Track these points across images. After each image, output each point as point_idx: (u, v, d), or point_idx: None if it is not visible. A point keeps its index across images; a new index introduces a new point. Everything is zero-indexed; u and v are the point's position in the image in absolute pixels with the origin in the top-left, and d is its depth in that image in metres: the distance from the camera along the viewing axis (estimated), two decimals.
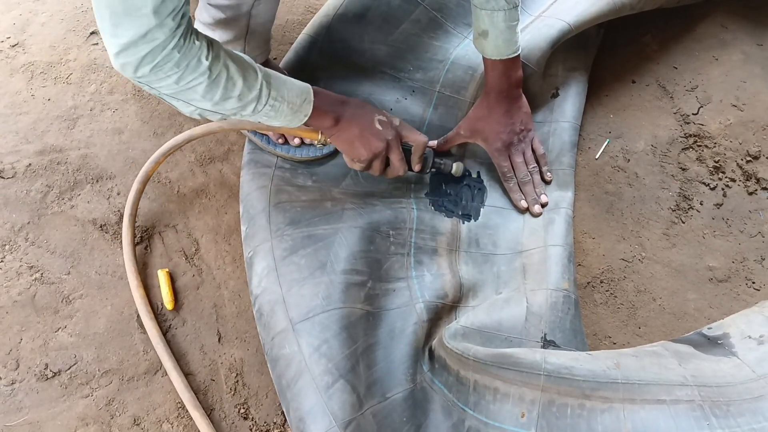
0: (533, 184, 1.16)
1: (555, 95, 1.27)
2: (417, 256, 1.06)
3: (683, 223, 1.18)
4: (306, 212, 1.05)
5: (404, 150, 1.06)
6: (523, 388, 0.83)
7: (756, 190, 1.20)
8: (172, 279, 1.11)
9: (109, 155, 1.24)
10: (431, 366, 0.95)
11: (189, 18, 0.78)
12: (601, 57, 1.36)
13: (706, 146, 1.25)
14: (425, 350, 0.97)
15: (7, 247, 1.13)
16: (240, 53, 0.87)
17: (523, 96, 1.15)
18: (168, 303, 1.08)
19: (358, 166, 1.04)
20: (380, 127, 1.01)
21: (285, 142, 1.12)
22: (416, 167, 1.09)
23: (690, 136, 1.26)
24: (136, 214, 1.13)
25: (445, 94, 1.22)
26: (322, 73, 1.19)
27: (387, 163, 1.05)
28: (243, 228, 1.07)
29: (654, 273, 1.13)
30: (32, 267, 1.11)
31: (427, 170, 1.12)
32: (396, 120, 1.05)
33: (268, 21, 1.08)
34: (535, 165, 1.17)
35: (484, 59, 1.10)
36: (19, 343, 1.05)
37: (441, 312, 1.01)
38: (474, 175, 1.19)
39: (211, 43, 0.81)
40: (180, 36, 0.75)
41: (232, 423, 1.00)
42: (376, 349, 0.94)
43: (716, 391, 0.79)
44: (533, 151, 1.17)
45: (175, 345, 1.06)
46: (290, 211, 1.04)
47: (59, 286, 1.10)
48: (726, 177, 1.22)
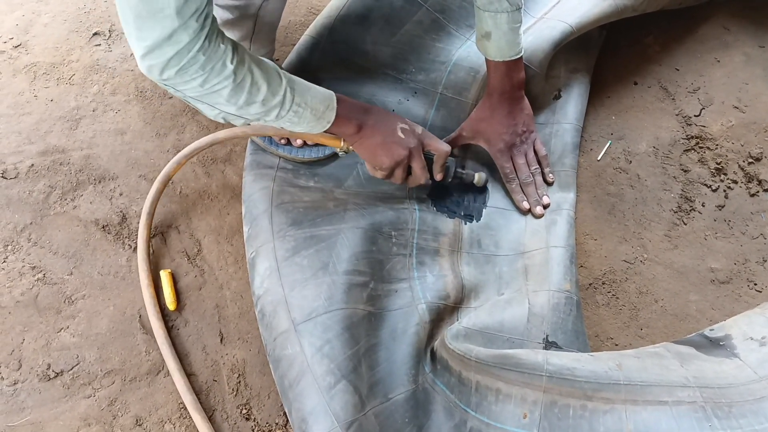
0: (535, 185, 1.16)
1: (557, 97, 1.27)
2: (419, 256, 1.06)
3: (685, 224, 1.18)
4: (308, 213, 1.05)
5: (426, 159, 1.05)
6: (525, 389, 0.83)
7: (758, 191, 1.20)
8: (175, 279, 1.12)
9: (112, 156, 1.24)
10: (433, 367, 0.95)
11: (214, 20, 0.78)
12: (603, 58, 1.36)
13: (708, 148, 1.25)
14: (427, 351, 0.97)
15: (9, 248, 1.13)
16: (264, 58, 0.87)
17: (526, 97, 1.15)
18: (170, 303, 1.08)
19: (380, 174, 1.04)
20: (403, 135, 1.01)
21: (287, 143, 1.12)
22: (438, 176, 1.08)
23: (692, 137, 1.27)
24: (154, 213, 1.13)
25: (447, 95, 1.23)
26: (324, 74, 1.19)
27: (409, 171, 1.05)
28: (245, 229, 1.07)
29: (656, 274, 1.13)
30: (35, 267, 1.12)
31: (449, 179, 1.11)
32: (419, 128, 1.04)
33: (275, 21, 1.08)
34: (537, 166, 1.17)
35: (486, 61, 1.11)
36: (22, 343, 1.05)
37: (443, 313, 1.01)
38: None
39: (236, 47, 0.82)
40: (205, 38, 0.76)
41: (234, 424, 1.00)
42: (378, 349, 0.94)
43: (718, 392, 0.79)
44: (535, 152, 1.17)
45: (178, 345, 1.06)
46: (292, 211, 1.05)
47: (62, 286, 1.10)
48: (728, 179, 1.22)
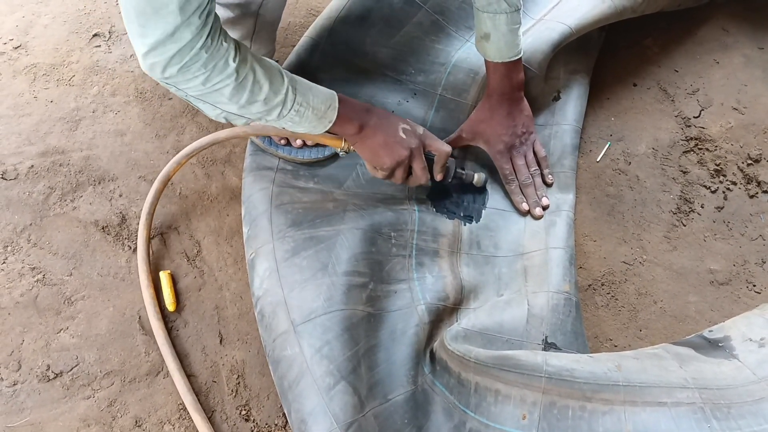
0: (534, 186, 1.16)
1: (556, 98, 1.27)
2: (418, 257, 1.06)
3: (684, 225, 1.18)
4: (308, 214, 1.05)
5: (426, 159, 1.05)
6: (525, 390, 0.83)
7: (757, 193, 1.20)
8: (174, 281, 1.12)
9: (112, 157, 1.24)
10: (432, 368, 0.95)
11: (217, 18, 0.78)
12: (602, 60, 1.36)
13: (707, 149, 1.25)
14: (426, 352, 0.97)
15: (9, 249, 1.13)
16: (266, 58, 0.87)
17: (525, 99, 1.16)
18: (170, 304, 1.08)
19: (380, 174, 1.03)
20: (404, 136, 1.01)
21: (287, 144, 1.12)
22: (438, 176, 1.08)
23: (691, 139, 1.27)
24: (153, 213, 1.13)
25: (446, 96, 1.23)
26: (324, 75, 1.19)
27: (409, 171, 1.05)
28: (245, 230, 1.07)
29: (655, 276, 1.13)
30: (34, 268, 1.12)
31: (449, 179, 1.11)
32: (420, 129, 1.04)
33: (275, 21, 1.08)
34: (537, 167, 1.17)
35: (486, 62, 1.11)
36: (21, 344, 1.05)
37: (442, 314, 1.01)
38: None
39: (239, 45, 0.82)
40: (207, 35, 0.76)
41: (234, 425, 1.00)
42: (378, 350, 0.94)
43: (717, 393, 0.79)
44: (534, 153, 1.18)
45: (177, 346, 1.06)
46: (292, 212, 1.05)
47: (61, 287, 1.10)
48: (727, 180, 1.22)
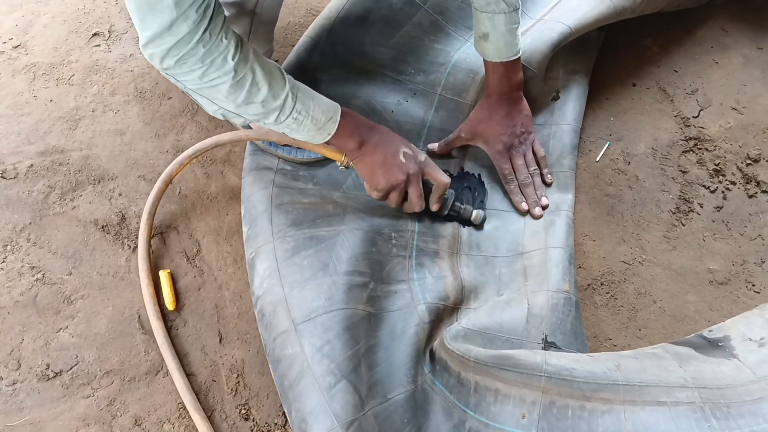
0: (534, 186, 1.16)
1: (556, 98, 1.27)
2: (418, 258, 1.06)
3: (683, 225, 1.18)
4: (308, 214, 1.05)
5: (425, 187, 1.04)
6: (524, 389, 0.83)
7: (756, 193, 1.21)
8: (174, 280, 1.12)
9: (111, 156, 1.24)
10: (432, 367, 0.95)
11: (219, 14, 0.79)
12: (601, 60, 1.36)
13: (707, 149, 1.25)
14: (426, 352, 0.97)
15: (8, 248, 1.13)
16: (272, 62, 0.87)
17: (524, 98, 1.15)
18: (169, 304, 1.08)
19: (375, 195, 1.03)
20: (404, 160, 1.00)
21: (286, 144, 1.12)
22: (434, 207, 1.07)
23: (690, 139, 1.27)
24: (155, 212, 1.13)
25: (446, 96, 1.23)
26: (323, 75, 1.19)
27: (405, 197, 1.04)
28: (244, 229, 1.07)
29: (654, 275, 1.13)
30: (34, 267, 1.12)
31: (445, 212, 1.10)
32: (422, 155, 1.03)
33: (272, 20, 1.08)
34: (536, 167, 1.17)
35: (484, 62, 1.11)
36: (21, 343, 1.05)
37: (442, 314, 1.01)
38: (475, 177, 1.19)
39: (241, 44, 0.82)
40: (205, 30, 0.76)
41: (233, 424, 1.00)
42: (378, 350, 0.94)
43: (717, 392, 0.79)
44: (534, 153, 1.18)
45: (177, 346, 1.06)
46: (292, 212, 1.05)
47: (61, 286, 1.10)
48: (726, 180, 1.22)
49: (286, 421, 0.99)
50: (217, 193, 1.21)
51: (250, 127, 1.12)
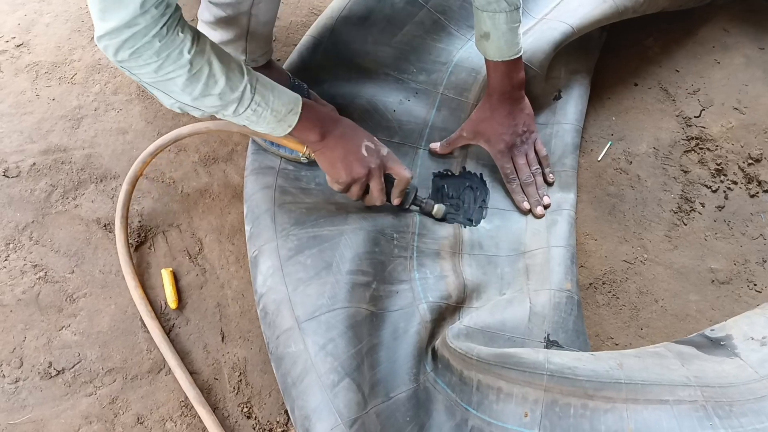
0: (536, 185, 1.16)
1: (557, 97, 1.28)
2: (419, 259, 1.07)
3: (685, 225, 1.18)
4: (311, 213, 1.05)
5: (387, 181, 1.04)
6: (527, 387, 0.83)
7: (758, 192, 1.21)
8: (176, 278, 1.12)
9: (113, 155, 1.24)
10: (434, 366, 0.95)
11: (177, 10, 0.79)
12: (603, 59, 1.36)
13: (708, 149, 1.26)
14: (428, 350, 0.97)
15: (11, 246, 1.13)
16: (230, 54, 0.87)
17: (526, 98, 1.16)
18: (172, 302, 1.08)
19: (336, 187, 1.03)
20: (366, 154, 1.00)
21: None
22: (395, 201, 1.07)
23: (692, 138, 1.27)
24: (128, 215, 1.13)
25: (448, 96, 1.23)
26: (325, 74, 1.19)
27: (367, 190, 1.04)
28: (247, 228, 1.07)
29: (656, 275, 1.13)
30: (36, 266, 1.12)
31: (407, 206, 1.10)
32: (384, 149, 1.03)
33: (269, 21, 1.08)
34: (538, 166, 1.17)
35: (486, 61, 1.11)
36: (23, 341, 1.05)
37: (444, 312, 1.01)
38: (477, 176, 1.19)
39: (198, 37, 0.82)
40: (163, 25, 0.76)
41: (236, 422, 1.01)
42: (380, 349, 0.95)
43: (719, 391, 0.79)
44: (536, 152, 1.18)
45: (179, 344, 1.06)
46: (295, 211, 1.05)
47: (63, 284, 1.10)
48: (728, 179, 1.22)
49: (288, 419, 1.00)
50: (220, 192, 1.21)
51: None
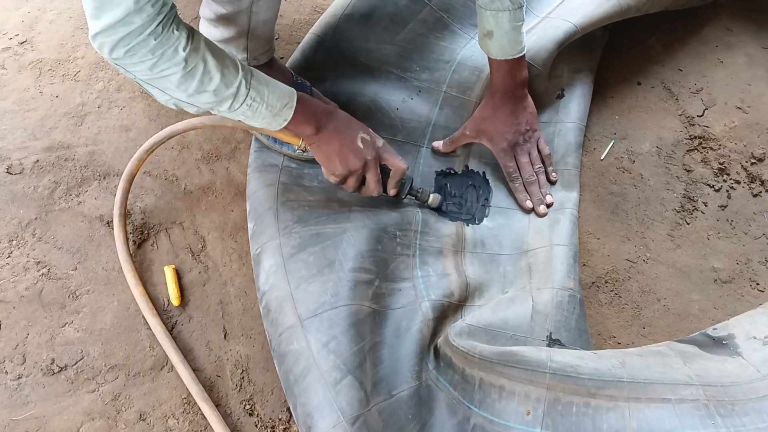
0: (538, 184, 1.16)
1: (560, 96, 1.27)
2: (422, 257, 1.07)
3: (688, 224, 1.18)
4: (314, 211, 1.05)
5: (384, 172, 1.05)
6: (529, 386, 0.83)
7: (760, 192, 1.21)
8: (179, 275, 1.12)
9: (117, 152, 1.25)
10: (437, 364, 0.95)
11: (172, 8, 0.79)
12: (606, 58, 1.36)
13: (711, 148, 1.25)
14: (431, 348, 0.97)
15: (14, 243, 1.14)
16: (225, 50, 0.87)
17: (529, 96, 1.16)
18: (174, 299, 1.09)
19: (333, 179, 1.03)
20: (361, 145, 1.00)
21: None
22: (391, 191, 1.07)
23: (695, 138, 1.27)
24: (125, 213, 1.14)
25: (451, 94, 1.23)
26: (328, 72, 1.19)
27: (363, 181, 1.04)
28: (250, 225, 1.07)
29: (658, 274, 1.13)
30: (39, 262, 1.12)
31: (403, 196, 1.10)
32: (379, 141, 1.04)
33: (270, 19, 1.08)
34: (541, 165, 1.17)
35: (489, 59, 1.11)
36: (26, 338, 1.05)
37: (447, 311, 1.01)
38: (480, 175, 1.19)
39: (193, 34, 0.82)
40: (159, 23, 0.76)
41: (238, 419, 1.01)
42: (382, 347, 0.95)
43: (721, 390, 0.79)
44: (539, 151, 1.18)
45: (181, 341, 1.06)
46: (298, 209, 1.05)
47: (66, 281, 1.11)
48: (730, 179, 1.22)
49: (291, 416, 1.00)
50: (222, 190, 1.21)
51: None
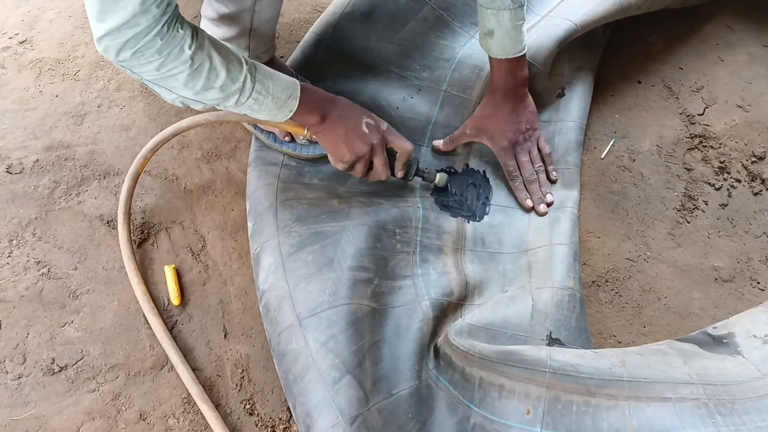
0: (539, 183, 1.16)
1: (561, 94, 1.27)
2: (422, 254, 1.07)
3: (688, 223, 1.18)
4: (313, 209, 1.05)
5: (389, 155, 1.05)
6: (529, 385, 0.83)
7: (761, 190, 1.20)
8: (179, 275, 1.12)
9: (117, 151, 1.25)
10: (437, 363, 0.95)
11: (176, 7, 0.79)
12: (607, 57, 1.36)
13: (712, 147, 1.25)
14: (431, 347, 0.97)
15: (14, 242, 1.14)
16: (229, 45, 0.88)
17: (529, 95, 1.16)
18: (174, 299, 1.09)
19: (341, 166, 1.03)
20: (366, 130, 1.01)
21: (291, 140, 1.12)
22: (399, 174, 1.08)
23: (695, 136, 1.27)
24: (130, 212, 1.13)
25: (451, 93, 1.23)
26: (328, 71, 1.19)
27: (371, 166, 1.05)
28: (250, 224, 1.07)
29: (659, 272, 1.13)
30: (39, 262, 1.12)
31: (410, 178, 1.11)
32: (384, 124, 1.04)
33: (272, 18, 1.08)
34: (541, 164, 1.17)
35: (489, 58, 1.11)
36: (26, 337, 1.05)
37: (447, 310, 1.01)
38: (480, 174, 1.19)
39: (197, 32, 0.82)
40: (164, 23, 0.76)
41: (238, 418, 1.01)
42: (382, 345, 0.95)
43: (721, 389, 0.79)
44: (539, 150, 1.18)
45: (182, 341, 1.06)
46: (297, 208, 1.05)
47: (66, 281, 1.11)
48: (731, 177, 1.22)
49: (291, 416, 1.00)
50: (222, 189, 1.21)
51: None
